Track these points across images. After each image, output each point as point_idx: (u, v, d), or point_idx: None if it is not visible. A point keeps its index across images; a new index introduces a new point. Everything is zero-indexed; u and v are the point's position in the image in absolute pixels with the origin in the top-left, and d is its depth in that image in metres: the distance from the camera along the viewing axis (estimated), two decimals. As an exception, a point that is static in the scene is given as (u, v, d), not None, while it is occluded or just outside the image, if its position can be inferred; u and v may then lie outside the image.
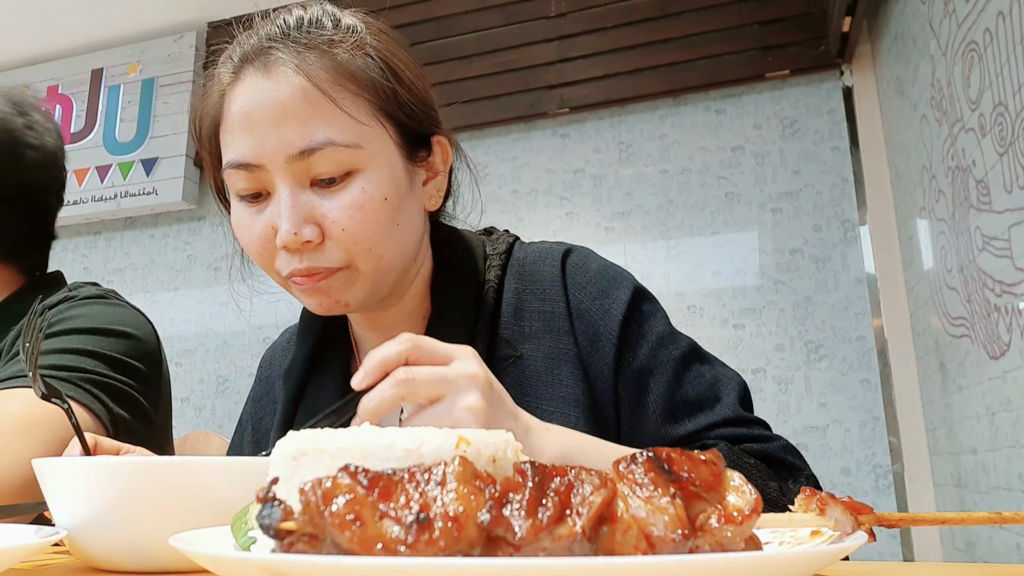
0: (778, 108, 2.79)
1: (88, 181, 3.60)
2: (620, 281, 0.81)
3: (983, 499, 1.78)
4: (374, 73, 0.74)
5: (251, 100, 0.72)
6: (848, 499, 0.39)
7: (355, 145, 0.71)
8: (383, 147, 0.74)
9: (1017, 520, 0.39)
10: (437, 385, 0.57)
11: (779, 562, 0.31)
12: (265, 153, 0.71)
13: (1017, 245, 1.48)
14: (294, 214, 0.71)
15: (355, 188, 0.72)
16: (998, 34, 1.53)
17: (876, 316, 2.53)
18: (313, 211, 0.72)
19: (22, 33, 3.71)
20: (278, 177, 0.72)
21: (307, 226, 0.71)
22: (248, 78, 0.73)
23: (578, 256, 0.84)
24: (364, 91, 0.73)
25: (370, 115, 0.73)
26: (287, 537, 0.31)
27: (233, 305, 3.34)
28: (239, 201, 0.76)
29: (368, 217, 0.72)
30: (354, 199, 0.71)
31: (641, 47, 2.92)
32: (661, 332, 0.79)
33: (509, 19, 3.11)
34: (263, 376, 0.99)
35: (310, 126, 0.70)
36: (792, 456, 0.73)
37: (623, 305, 0.79)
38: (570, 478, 0.33)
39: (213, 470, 0.53)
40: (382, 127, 0.74)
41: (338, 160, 0.71)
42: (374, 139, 0.73)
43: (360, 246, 0.72)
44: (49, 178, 1.22)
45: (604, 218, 2.91)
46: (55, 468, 0.54)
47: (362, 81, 0.73)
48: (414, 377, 0.57)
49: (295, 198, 0.71)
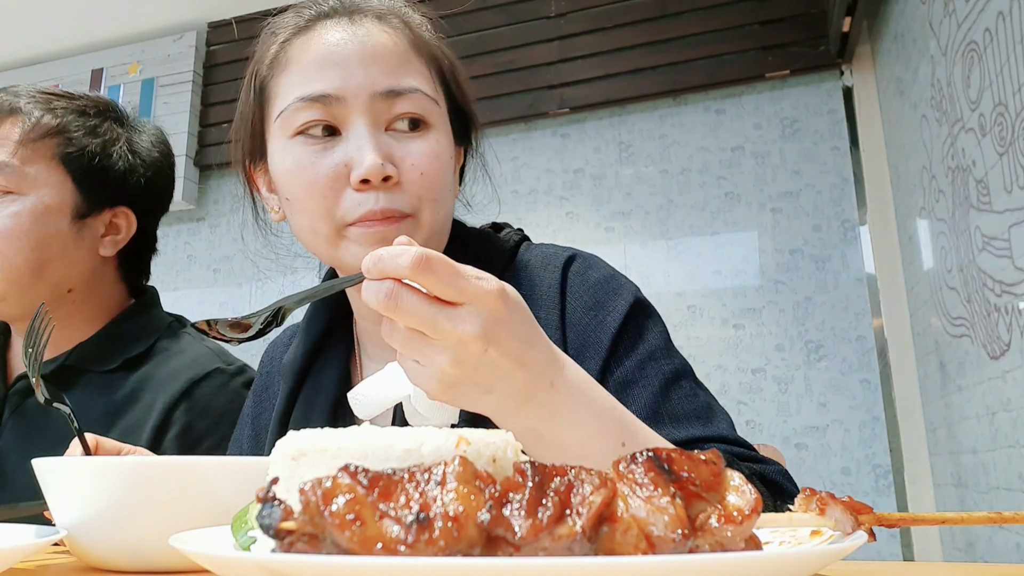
0: (778, 108, 2.79)
1: (88, 181, 3.60)
2: (620, 292, 0.78)
3: (983, 499, 1.78)
4: (439, 54, 0.81)
5: (337, 40, 0.75)
6: (848, 499, 0.39)
7: (434, 100, 0.76)
8: (444, 113, 0.79)
9: (1017, 520, 0.39)
10: (423, 325, 0.51)
11: (779, 562, 0.31)
12: (350, 87, 0.72)
13: (1017, 245, 1.48)
14: (377, 148, 0.71)
15: (432, 138, 0.75)
16: (998, 34, 1.53)
17: (876, 316, 2.53)
18: (392, 152, 0.73)
19: (22, 33, 3.71)
20: (358, 113, 0.73)
21: (388, 163, 0.72)
22: (330, 27, 0.76)
23: (581, 264, 0.82)
24: (434, 64, 0.79)
25: (436, 83, 0.79)
26: (287, 537, 0.31)
27: (233, 305, 3.34)
28: (299, 142, 0.74)
29: (442, 168, 0.75)
30: (432, 148, 0.75)
31: (641, 47, 2.92)
32: (653, 347, 0.76)
33: (509, 19, 3.11)
34: (264, 371, 0.99)
35: (398, 72, 0.74)
36: (788, 482, 0.70)
37: (618, 317, 0.76)
38: (570, 478, 0.33)
39: (213, 470, 0.53)
40: (442, 97, 0.80)
41: (421, 108, 0.74)
42: (441, 103, 0.79)
43: (431, 194, 0.74)
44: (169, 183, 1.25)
45: (604, 218, 2.91)
46: (55, 468, 0.54)
47: (433, 55, 0.79)
48: (401, 306, 0.50)
49: (375, 136, 0.72)
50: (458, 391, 0.54)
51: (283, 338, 1.00)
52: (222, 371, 1.12)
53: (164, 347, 1.14)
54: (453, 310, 0.51)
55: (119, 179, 1.13)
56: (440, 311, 0.51)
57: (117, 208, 1.14)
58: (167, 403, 1.06)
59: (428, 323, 0.51)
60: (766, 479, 0.69)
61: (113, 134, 1.14)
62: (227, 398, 1.10)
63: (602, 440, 0.58)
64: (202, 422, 1.06)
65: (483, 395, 0.54)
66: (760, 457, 0.71)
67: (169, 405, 1.06)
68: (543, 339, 0.58)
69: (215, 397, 1.09)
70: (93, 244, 1.12)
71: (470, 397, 0.54)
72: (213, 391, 1.09)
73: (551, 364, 0.57)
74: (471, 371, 0.52)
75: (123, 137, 1.16)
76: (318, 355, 0.88)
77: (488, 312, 0.51)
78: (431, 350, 0.52)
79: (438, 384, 0.53)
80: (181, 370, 1.10)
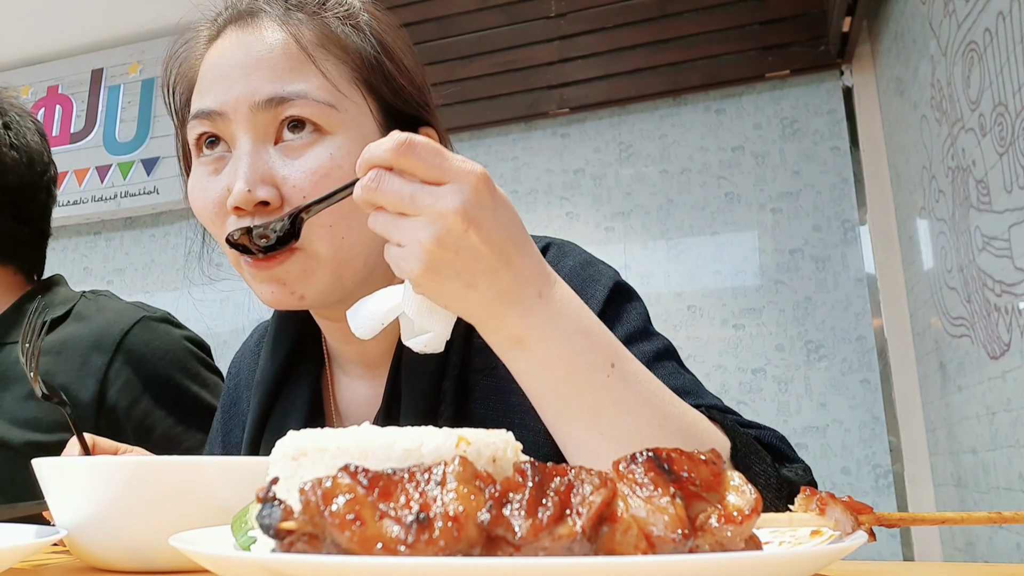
0: (778, 108, 2.79)
1: (88, 181, 3.60)
2: (597, 278, 0.75)
3: (983, 499, 1.78)
4: (362, 43, 0.71)
5: (227, 51, 0.69)
6: (848, 499, 0.39)
7: (328, 104, 0.67)
8: (360, 118, 0.69)
9: (1017, 520, 0.39)
10: (401, 206, 0.51)
11: (779, 562, 0.31)
12: (229, 101, 0.66)
13: (1017, 245, 1.48)
14: (252, 171, 0.64)
15: (322, 152, 0.66)
16: (998, 34, 1.53)
17: (876, 316, 2.53)
18: (273, 172, 0.65)
19: (22, 33, 3.71)
20: (240, 129, 0.66)
21: (264, 186, 0.64)
22: (229, 35, 0.70)
23: (556, 252, 0.78)
24: (349, 58, 0.70)
25: (351, 83, 0.69)
26: (287, 537, 0.31)
27: (233, 304, 3.34)
28: (197, 161, 0.70)
29: (330, 187, 0.63)
30: (320, 164, 0.65)
31: (641, 47, 2.92)
32: (634, 328, 0.72)
33: (509, 19, 3.11)
34: (231, 384, 0.93)
35: (284, 77, 0.66)
36: (785, 445, 0.68)
37: (598, 303, 0.72)
38: (570, 478, 0.33)
39: (213, 470, 0.53)
40: (362, 98, 0.70)
41: (310, 113, 0.66)
42: (351, 107, 0.68)
43: (318, 219, 0.64)
44: (36, 175, 1.21)
45: (604, 218, 2.91)
46: (55, 468, 0.54)
47: (348, 48, 0.70)
48: (380, 188, 0.51)
49: (255, 154, 0.65)
50: (441, 277, 0.52)
51: (250, 344, 0.96)
52: (148, 318, 1.16)
53: (81, 309, 1.17)
54: (435, 187, 0.51)
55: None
56: (421, 188, 0.51)
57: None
58: (104, 361, 1.09)
59: (408, 200, 0.51)
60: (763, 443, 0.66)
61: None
62: (160, 341, 1.14)
63: (590, 357, 0.56)
64: (142, 370, 1.10)
65: (466, 289, 0.53)
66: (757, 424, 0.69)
67: (106, 362, 1.09)
68: (531, 246, 0.56)
69: (148, 343, 1.13)
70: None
71: (453, 289, 0.53)
72: (145, 338, 1.13)
73: (540, 274, 0.56)
74: (452, 254, 0.51)
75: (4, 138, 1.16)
76: (288, 373, 0.83)
77: (470, 191, 0.51)
78: (411, 226, 0.51)
79: (419, 265, 0.51)
80: (108, 326, 1.13)
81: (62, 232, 3.72)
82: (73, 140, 3.70)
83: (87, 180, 3.60)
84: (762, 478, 0.59)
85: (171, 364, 1.12)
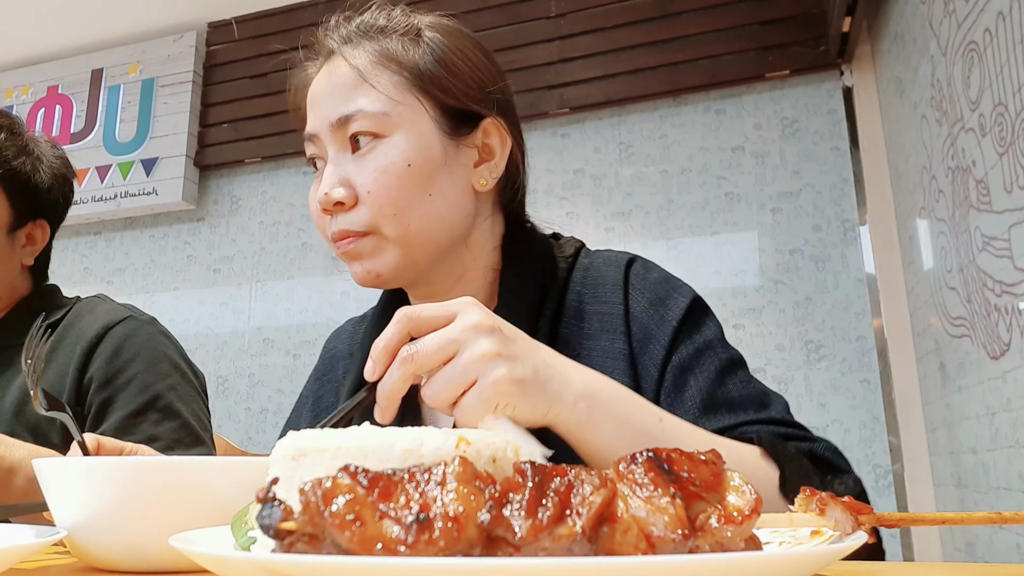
0: (778, 108, 2.79)
1: (88, 181, 3.60)
2: (680, 291, 0.84)
3: (983, 499, 1.78)
4: (418, 56, 0.83)
5: (316, 85, 0.85)
6: (848, 499, 0.39)
7: (382, 113, 0.79)
8: (413, 117, 0.81)
9: (1017, 520, 0.39)
10: (443, 349, 0.56)
11: (779, 562, 0.31)
12: (317, 124, 0.82)
13: (1017, 245, 1.48)
14: (331, 177, 0.79)
15: (379, 153, 0.79)
16: (998, 34, 1.53)
17: (876, 316, 2.53)
18: (348, 175, 0.79)
19: (22, 33, 3.71)
20: (327, 145, 0.81)
21: (339, 188, 0.79)
22: (321, 70, 0.86)
23: (641, 265, 0.88)
24: (404, 70, 0.82)
25: (404, 90, 0.81)
26: (287, 537, 0.31)
27: (233, 305, 3.35)
28: (314, 177, 0.86)
29: (391, 181, 0.78)
30: (378, 163, 0.78)
31: (641, 47, 2.92)
32: (710, 338, 0.81)
33: (509, 19, 3.11)
34: (326, 356, 1.04)
35: (348, 98, 0.80)
36: (836, 457, 0.73)
37: (679, 312, 0.81)
38: (570, 478, 0.33)
39: (213, 470, 0.53)
40: (417, 101, 0.81)
41: (367, 125, 0.79)
42: (405, 111, 0.80)
43: (384, 210, 0.78)
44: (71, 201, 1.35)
45: (604, 218, 2.91)
46: (55, 468, 0.54)
47: (403, 62, 0.82)
48: (418, 351, 0.56)
49: (335, 163, 0.80)
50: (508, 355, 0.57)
51: (346, 327, 1.05)
52: (135, 318, 1.22)
53: (78, 311, 1.24)
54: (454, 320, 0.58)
55: (43, 194, 1.24)
56: (444, 330, 0.57)
57: (38, 220, 1.25)
58: (85, 348, 1.15)
59: (444, 341, 0.56)
60: (815, 456, 0.71)
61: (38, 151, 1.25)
62: (142, 339, 1.19)
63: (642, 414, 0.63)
64: (119, 358, 1.15)
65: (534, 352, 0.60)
66: (810, 436, 0.74)
67: (87, 349, 1.15)
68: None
69: (129, 338, 1.18)
70: (17, 255, 1.23)
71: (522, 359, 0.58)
72: (128, 332, 1.19)
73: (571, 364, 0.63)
74: (504, 338, 0.57)
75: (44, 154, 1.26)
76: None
77: (475, 304, 0.59)
78: (463, 350, 0.56)
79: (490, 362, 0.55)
80: (95, 320, 1.20)
81: (62, 232, 3.67)
82: (73, 140, 3.70)
83: (87, 180, 3.60)
84: None
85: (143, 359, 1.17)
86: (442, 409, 0.57)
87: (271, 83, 3.42)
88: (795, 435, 0.73)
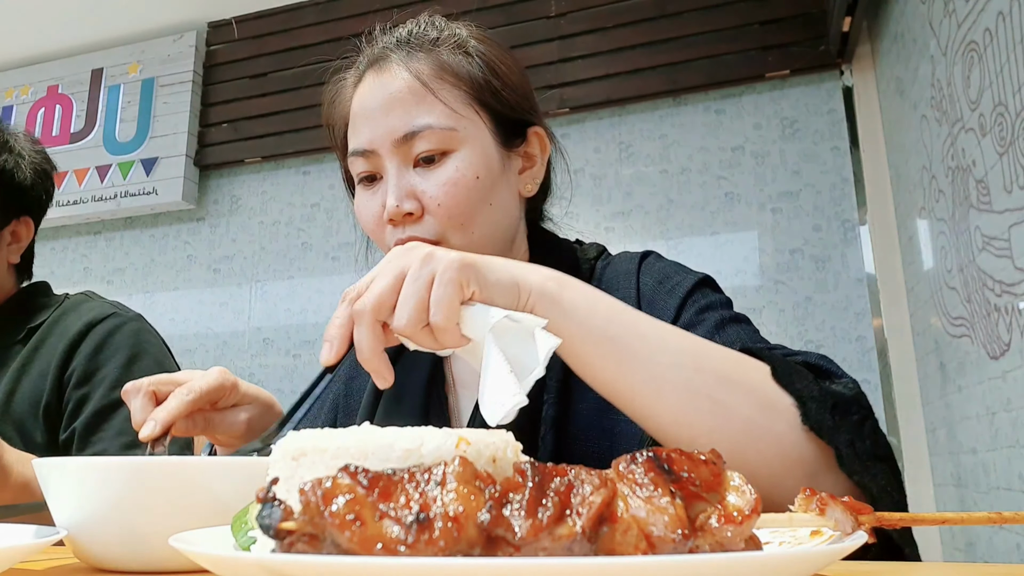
0: (778, 108, 2.79)
1: (88, 181, 3.60)
2: (688, 272, 0.88)
3: (983, 499, 1.78)
4: (472, 68, 0.85)
5: (368, 96, 0.85)
6: (848, 499, 0.39)
7: (450, 128, 0.82)
8: (477, 132, 0.84)
9: (1017, 520, 0.39)
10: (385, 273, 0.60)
11: (779, 562, 0.31)
12: (376, 139, 0.83)
13: (1017, 245, 1.48)
14: (398, 190, 0.81)
15: (450, 166, 0.81)
16: (998, 34, 1.53)
17: (876, 316, 2.53)
18: (415, 188, 0.81)
19: (22, 33, 3.71)
20: (387, 159, 0.82)
21: (408, 200, 0.81)
22: (368, 80, 0.86)
23: (655, 257, 0.93)
24: (462, 83, 0.84)
25: (466, 104, 0.84)
26: (287, 537, 0.31)
27: (233, 305, 3.34)
28: (359, 185, 0.87)
29: (461, 193, 0.81)
30: (448, 176, 0.81)
31: (641, 47, 2.92)
32: (716, 301, 0.84)
33: (509, 19, 3.11)
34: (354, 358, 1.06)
35: (412, 113, 0.82)
36: (830, 364, 0.74)
37: (687, 286, 0.85)
38: (570, 478, 0.33)
39: (213, 470, 0.53)
40: (476, 115, 0.84)
41: (435, 141, 0.81)
42: (468, 124, 0.83)
43: (454, 221, 0.81)
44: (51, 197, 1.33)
45: (604, 218, 2.91)
46: (55, 468, 0.54)
47: (461, 75, 0.84)
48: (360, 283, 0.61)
49: (400, 177, 0.82)
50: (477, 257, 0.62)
51: None
52: (119, 315, 1.22)
53: (63, 309, 1.25)
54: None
55: (26, 190, 1.24)
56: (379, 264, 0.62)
57: (21, 217, 1.25)
58: (67, 346, 1.16)
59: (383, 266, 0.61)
60: (809, 364, 0.72)
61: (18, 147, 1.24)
62: (124, 336, 1.19)
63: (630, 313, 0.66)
64: (99, 355, 1.17)
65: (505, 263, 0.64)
66: (804, 352, 0.75)
67: (69, 347, 1.16)
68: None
69: (112, 334, 1.19)
70: (3, 253, 1.23)
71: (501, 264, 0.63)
72: (110, 329, 1.19)
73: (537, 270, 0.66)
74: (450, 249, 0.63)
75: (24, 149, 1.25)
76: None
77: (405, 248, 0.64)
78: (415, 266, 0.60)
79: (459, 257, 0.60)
80: (79, 318, 1.21)
81: (62, 232, 3.72)
82: (73, 140, 3.69)
83: (87, 180, 3.60)
84: (805, 392, 0.64)
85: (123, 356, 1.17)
86: (418, 336, 0.60)
87: (271, 83, 3.43)
88: (789, 352, 0.74)
